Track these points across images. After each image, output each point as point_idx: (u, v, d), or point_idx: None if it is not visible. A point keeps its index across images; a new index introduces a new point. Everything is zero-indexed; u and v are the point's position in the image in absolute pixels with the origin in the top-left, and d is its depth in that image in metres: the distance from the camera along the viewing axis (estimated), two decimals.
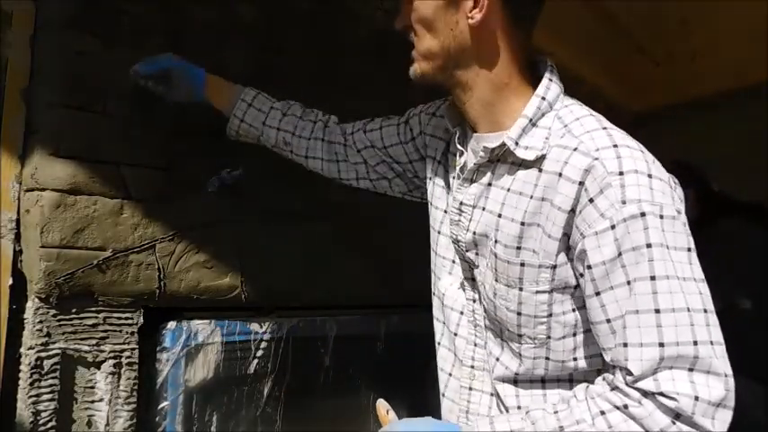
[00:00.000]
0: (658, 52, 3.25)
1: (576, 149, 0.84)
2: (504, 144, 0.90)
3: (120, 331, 1.36)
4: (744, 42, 2.94)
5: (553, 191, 0.85)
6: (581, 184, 0.82)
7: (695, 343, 0.75)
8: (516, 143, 0.89)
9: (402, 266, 1.96)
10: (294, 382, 1.63)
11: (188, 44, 1.53)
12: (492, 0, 0.88)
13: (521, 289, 0.89)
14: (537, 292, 0.88)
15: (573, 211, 0.83)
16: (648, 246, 0.77)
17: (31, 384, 1.23)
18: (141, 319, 1.39)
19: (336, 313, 1.77)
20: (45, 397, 1.25)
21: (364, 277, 1.85)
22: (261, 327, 1.58)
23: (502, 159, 0.92)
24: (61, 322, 1.28)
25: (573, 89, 0.95)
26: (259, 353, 1.57)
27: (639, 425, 0.76)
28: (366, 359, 1.79)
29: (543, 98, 0.90)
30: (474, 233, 0.96)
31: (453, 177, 1.04)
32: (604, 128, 0.86)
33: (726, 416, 0.75)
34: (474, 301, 1.03)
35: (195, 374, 1.45)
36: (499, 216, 0.91)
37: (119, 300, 1.36)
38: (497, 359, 0.97)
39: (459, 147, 1.01)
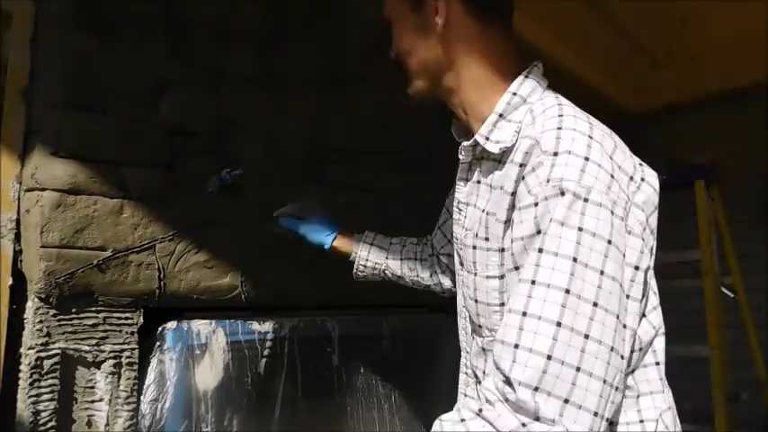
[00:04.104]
0: (658, 52, 3.25)
1: (527, 137, 0.83)
2: (476, 141, 0.91)
3: (120, 331, 1.36)
4: (744, 42, 2.94)
5: (506, 177, 0.85)
6: (522, 166, 0.82)
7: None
8: (487, 138, 0.90)
9: None
10: (295, 382, 1.62)
11: (188, 44, 1.53)
12: (450, 2, 0.91)
13: (475, 274, 0.91)
14: (488, 277, 0.88)
15: (514, 193, 0.83)
16: (562, 225, 0.74)
17: (31, 384, 1.23)
18: (141, 319, 1.39)
19: (336, 313, 1.77)
20: (45, 397, 1.25)
21: None
22: (261, 326, 1.58)
23: (485, 156, 0.93)
24: (61, 322, 1.28)
25: (573, 89, 0.96)
26: (259, 353, 1.57)
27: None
28: (368, 359, 1.79)
29: (514, 93, 0.90)
30: (465, 229, 0.97)
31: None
32: (560, 115, 0.83)
33: None
34: (462, 304, 1.03)
35: (196, 374, 1.45)
36: (482, 211, 0.92)
37: (119, 300, 1.36)
38: (474, 364, 0.97)
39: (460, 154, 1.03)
